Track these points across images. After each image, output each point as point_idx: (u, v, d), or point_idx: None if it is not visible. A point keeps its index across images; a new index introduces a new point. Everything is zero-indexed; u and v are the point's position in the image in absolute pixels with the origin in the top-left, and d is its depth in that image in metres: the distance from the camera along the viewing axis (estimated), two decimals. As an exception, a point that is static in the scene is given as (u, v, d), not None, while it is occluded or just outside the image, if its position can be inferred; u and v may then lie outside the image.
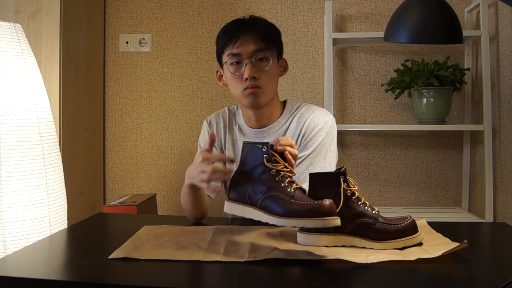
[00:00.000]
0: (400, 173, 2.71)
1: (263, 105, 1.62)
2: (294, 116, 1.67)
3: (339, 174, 1.21)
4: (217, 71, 1.70)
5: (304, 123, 1.63)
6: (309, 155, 1.59)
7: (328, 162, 1.60)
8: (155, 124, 2.82)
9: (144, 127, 2.83)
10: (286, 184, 1.14)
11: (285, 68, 1.71)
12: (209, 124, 1.75)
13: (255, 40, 1.57)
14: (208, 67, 2.77)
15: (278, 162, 1.18)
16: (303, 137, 1.62)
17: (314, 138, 1.60)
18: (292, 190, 1.13)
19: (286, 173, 1.17)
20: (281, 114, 1.69)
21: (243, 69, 1.57)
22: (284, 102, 1.73)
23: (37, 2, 2.25)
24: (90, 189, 2.67)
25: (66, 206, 1.87)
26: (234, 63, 1.59)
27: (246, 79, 1.56)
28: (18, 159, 1.65)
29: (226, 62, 1.61)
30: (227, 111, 1.76)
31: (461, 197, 2.66)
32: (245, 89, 1.57)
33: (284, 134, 1.64)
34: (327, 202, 1.06)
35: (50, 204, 1.72)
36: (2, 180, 1.62)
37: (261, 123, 1.67)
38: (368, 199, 2.66)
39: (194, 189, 1.47)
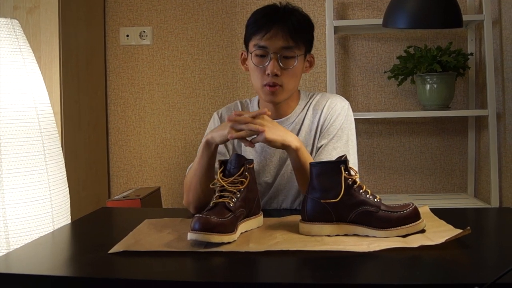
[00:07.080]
0: (405, 160, 2.69)
1: (282, 101, 1.60)
2: (310, 105, 1.66)
3: (339, 162, 1.21)
4: (242, 53, 1.67)
5: (322, 110, 1.62)
6: (330, 140, 1.58)
7: (350, 146, 1.59)
8: (158, 117, 2.81)
9: (147, 120, 2.82)
10: None
11: (311, 64, 1.67)
12: (220, 118, 1.71)
13: (285, 36, 1.52)
14: (210, 59, 2.75)
15: None
16: (322, 124, 1.61)
17: (335, 123, 1.59)
18: None
19: None
20: (297, 104, 1.67)
21: (267, 64, 1.53)
22: (298, 92, 1.70)
23: (35, -3, 2.24)
24: (95, 184, 2.67)
25: (69, 201, 1.87)
26: (259, 56, 1.55)
27: (268, 74, 1.53)
28: (19, 155, 1.65)
29: (251, 52, 1.57)
30: (239, 104, 1.73)
31: (467, 183, 2.64)
32: (265, 85, 1.54)
33: (301, 124, 1.63)
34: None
35: (53, 200, 1.72)
36: (3, 177, 1.62)
37: (278, 114, 1.64)
38: (374, 187, 2.68)
39: (209, 150, 1.46)
